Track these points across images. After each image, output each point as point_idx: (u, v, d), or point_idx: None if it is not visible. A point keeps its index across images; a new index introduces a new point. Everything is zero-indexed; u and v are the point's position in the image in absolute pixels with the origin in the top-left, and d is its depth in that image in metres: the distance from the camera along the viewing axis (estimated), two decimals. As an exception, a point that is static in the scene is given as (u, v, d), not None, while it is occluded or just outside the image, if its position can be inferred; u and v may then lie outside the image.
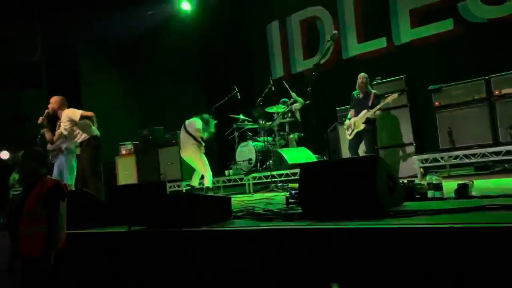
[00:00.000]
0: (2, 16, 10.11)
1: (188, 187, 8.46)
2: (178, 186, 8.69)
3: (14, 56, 10.37)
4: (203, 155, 7.24)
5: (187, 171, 9.01)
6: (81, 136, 5.93)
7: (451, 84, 6.17)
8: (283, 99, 8.29)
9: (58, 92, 10.21)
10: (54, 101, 5.94)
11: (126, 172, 9.70)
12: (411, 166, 6.34)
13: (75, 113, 5.79)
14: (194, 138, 7.14)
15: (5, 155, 9.12)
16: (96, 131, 5.96)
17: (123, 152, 9.92)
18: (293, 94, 8.06)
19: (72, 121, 5.83)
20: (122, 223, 3.98)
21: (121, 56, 11.47)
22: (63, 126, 5.92)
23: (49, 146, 6.11)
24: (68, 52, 10.87)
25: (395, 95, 6.17)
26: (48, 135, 5.91)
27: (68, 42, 10.84)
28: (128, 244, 3.76)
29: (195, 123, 7.24)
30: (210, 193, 6.87)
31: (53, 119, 6.11)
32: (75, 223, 4.06)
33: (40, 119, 5.85)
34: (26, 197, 3.47)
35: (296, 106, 8.19)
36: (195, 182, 7.55)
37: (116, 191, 5.20)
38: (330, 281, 2.47)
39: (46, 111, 5.92)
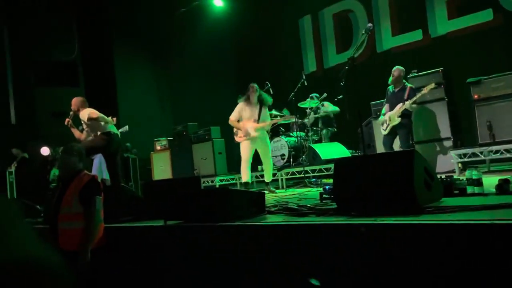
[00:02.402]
0: (42, 19, 10.46)
1: (222, 182, 8.54)
2: (212, 181, 8.78)
3: (53, 55, 10.71)
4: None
5: (221, 166, 9.11)
6: (92, 134, 6.02)
7: (491, 76, 5.96)
8: (313, 94, 8.24)
9: (94, 90, 10.54)
10: (73, 102, 6.05)
11: (161, 167, 9.88)
12: (448, 161, 6.17)
13: (84, 115, 5.88)
14: None
15: (45, 151, 9.45)
16: (107, 128, 5.95)
17: (158, 148, 10.10)
18: (326, 103, 8.08)
19: (84, 123, 5.95)
20: (158, 217, 4.06)
21: (154, 53, 11.68)
22: (84, 126, 6.07)
23: None
24: (104, 51, 11.16)
25: (432, 85, 5.98)
26: (76, 133, 6.08)
27: (103, 41, 11.11)
28: (164, 238, 3.83)
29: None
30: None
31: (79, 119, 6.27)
32: (111, 217, 4.17)
33: (66, 120, 6.02)
34: (64, 192, 3.59)
35: (327, 108, 8.17)
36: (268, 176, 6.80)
37: (151, 186, 5.31)
38: (360, 277, 2.45)
39: (71, 112, 6.07)
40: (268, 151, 6.60)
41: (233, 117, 6.56)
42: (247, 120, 6.43)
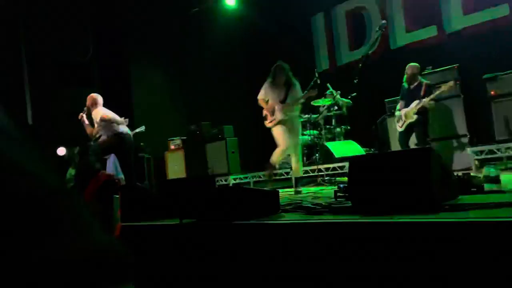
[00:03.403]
0: (57, 20, 10.59)
1: (235, 181, 8.55)
2: (225, 180, 8.80)
3: (68, 56, 10.84)
4: None
5: (234, 165, 9.12)
6: (105, 135, 6.07)
7: (507, 72, 5.88)
8: (329, 91, 8.21)
9: (109, 90, 10.64)
10: (88, 99, 6.13)
11: (176, 166, 9.94)
12: (465, 159, 6.11)
13: (97, 115, 5.93)
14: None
15: (62, 151, 9.57)
16: (119, 129, 5.98)
17: (172, 147, 10.16)
18: (337, 97, 8.00)
19: (96, 122, 6.01)
20: (173, 216, 4.08)
21: (167, 53, 11.73)
22: (95, 124, 6.13)
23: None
24: (118, 51, 11.25)
25: (451, 83, 5.92)
26: (89, 129, 6.15)
27: (118, 42, 11.21)
28: (179, 236, 3.85)
29: None
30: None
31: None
32: (127, 216, 4.21)
33: (80, 115, 6.10)
34: (81, 192, 3.63)
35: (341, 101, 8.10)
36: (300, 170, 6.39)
37: (166, 185, 5.35)
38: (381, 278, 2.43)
39: (85, 108, 6.15)
40: (297, 140, 6.05)
41: (260, 95, 6.15)
42: (273, 102, 6.01)
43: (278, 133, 5.88)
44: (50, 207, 0.40)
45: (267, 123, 6.02)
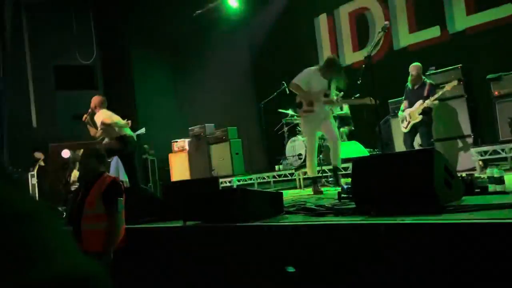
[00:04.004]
0: (62, 23, 10.65)
1: (239, 182, 8.56)
2: (229, 182, 8.81)
3: (73, 59, 10.90)
4: None
5: (238, 166, 9.13)
6: (108, 137, 6.06)
7: (511, 72, 5.86)
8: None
9: (113, 92, 10.68)
10: (93, 100, 6.12)
11: (179, 168, 9.95)
12: (469, 159, 6.09)
13: (99, 118, 5.91)
14: None
15: (66, 153, 9.62)
16: (122, 132, 5.97)
17: (176, 149, 10.18)
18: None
19: (100, 125, 5.98)
20: (177, 218, 4.09)
21: (171, 55, 11.78)
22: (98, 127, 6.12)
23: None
24: (122, 54, 11.30)
25: (455, 82, 5.89)
26: (92, 131, 6.16)
27: (121, 44, 11.26)
28: (183, 238, 3.86)
29: None
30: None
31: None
32: (132, 218, 4.22)
33: (84, 116, 6.11)
34: (87, 194, 3.65)
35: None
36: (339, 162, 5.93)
37: (170, 188, 5.37)
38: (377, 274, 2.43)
39: (89, 110, 6.15)
40: (333, 130, 5.66)
41: (299, 81, 5.55)
42: (316, 91, 5.51)
43: (308, 127, 5.69)
44: (11, 232, 0.38)
45: (301, 112, 5.67)
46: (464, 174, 3.54)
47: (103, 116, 5.90)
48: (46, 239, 0.40)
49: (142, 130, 7.46)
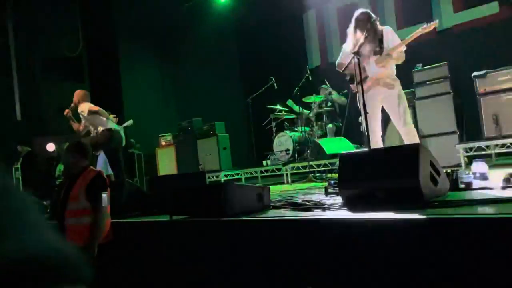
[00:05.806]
0: (47, 14, 10.48)
1: (227, 177, 8.54)
2: (217, 177, 8.79)
3: (58, 51, 10.73)
4: None
5: (225, 161, 9.11)
6: (94, 131, 5.98)
7: (497, 69, 5.92)
8: (323, 86, 8.24)
9: (99, 85, 10.56)
10: (75, 94, 6.01)
11: (166, 163, 9.90)
12: (454, 155, 6.15)
13: (85, 109, 5.80)
14: None
15: (51, 147, 9.50)
16: (108, 125, 5.88)
17: (163, 143, 10.12)
18: (335, 94, 8.09)
19: (84, 117, 5.87)
20: (163, 212, 4.07)
21: (159, 48, 11.67)
22: (83, 121, 6.01)
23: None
24: (108, 46, 11.16)
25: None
26: (75, 126, 6.06)
27: (107, 36, 11.12)
28: (169, 233, 3.84)
29: None
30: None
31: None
32: (117, 212, 4.19)
33: (66, 111, 6.00)
34: (71, 188, 3.60)
35: (335, 97, 8.14)
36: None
37: (157, 182, 5.33)
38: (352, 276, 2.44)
39: (72, 104, 6.04)
40: (399, 107, 4.65)
41: (348, 47, 4.91)
42: (367, 57, 4.84)
43: (370, 103, 4.68)
44: None
45: (354, 86, 4.90)
46: (449, 170, 3.57)
47: (89, 105, 5.79)
48: (15, 215, 0.39)
49: (130, 122, 7.38)
